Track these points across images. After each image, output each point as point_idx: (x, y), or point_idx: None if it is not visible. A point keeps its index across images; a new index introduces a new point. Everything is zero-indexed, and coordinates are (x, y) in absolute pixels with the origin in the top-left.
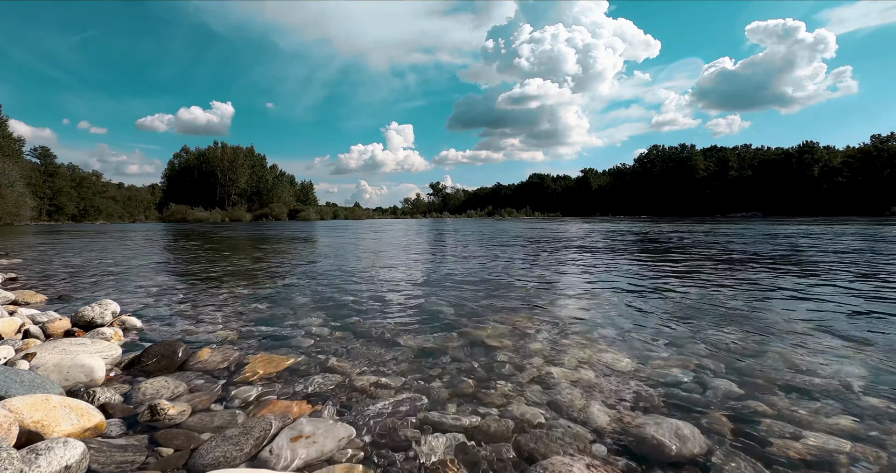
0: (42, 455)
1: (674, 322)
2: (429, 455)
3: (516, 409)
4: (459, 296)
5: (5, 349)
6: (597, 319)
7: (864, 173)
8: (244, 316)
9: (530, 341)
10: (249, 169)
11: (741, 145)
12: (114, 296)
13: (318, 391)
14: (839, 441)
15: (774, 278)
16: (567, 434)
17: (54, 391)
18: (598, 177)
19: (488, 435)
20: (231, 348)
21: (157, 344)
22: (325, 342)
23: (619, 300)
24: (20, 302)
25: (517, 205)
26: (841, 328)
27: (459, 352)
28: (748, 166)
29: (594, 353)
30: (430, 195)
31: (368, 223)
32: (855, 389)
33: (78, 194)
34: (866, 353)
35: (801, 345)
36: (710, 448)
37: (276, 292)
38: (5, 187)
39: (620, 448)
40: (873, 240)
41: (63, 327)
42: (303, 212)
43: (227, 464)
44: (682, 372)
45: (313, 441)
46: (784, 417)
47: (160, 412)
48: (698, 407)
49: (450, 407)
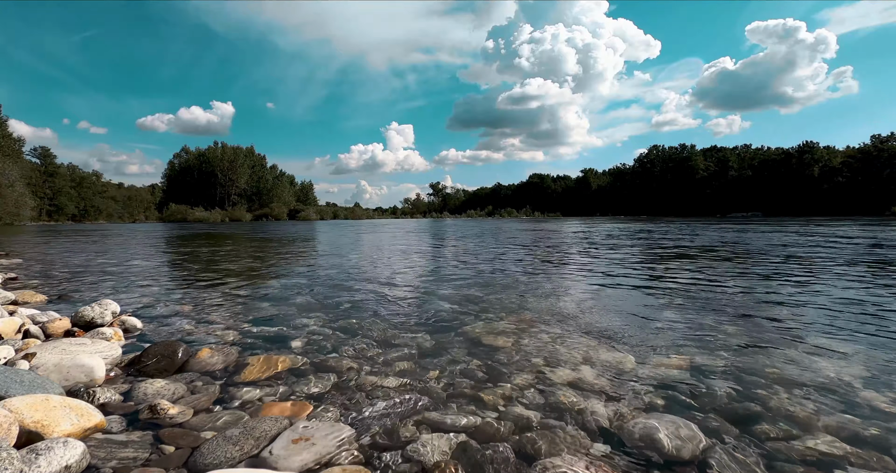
0: (42, 455)
1: (674, 322)
2: (429, 455)
3: (516, 409)
4: (459, 296)
5: (5, 349)
6: (596, 318)
7: (864, 173)
8: (244, 316)
9: (530, 341)
10: (249, 169)
11: (741, 145)
12: (114, 296)
13: (318, 392)
14: (839, 440)
15: (774, 278)
16: (567, 433)
17: (54, 391)
18: (598, 177)
19: (488, 435)
20: (231, 348)
21: (157, 344)
22: (324, 343)
23: (618, 299)
24: (20, 302)
25: (517, 205)
26: (841, 328)
27: (459, 352)
28: (748, 166)
29: (594, 353)
30: (430, 195)
31: (368, 223)
32: (855, 388)
33: (78, 194)
34: (867, 352)
35: (801, 344)
36: (709, 447)
37: (276, 292)
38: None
39: (620, 448)
40: (874, 240)
41: (63, 327)
42: (303, 212)
43: (228, 464)
44: (681, 372)
45: (313, 443)
46: (784, 416)
47: (160, 412)
48: (698, 407)
49: (450, 407)
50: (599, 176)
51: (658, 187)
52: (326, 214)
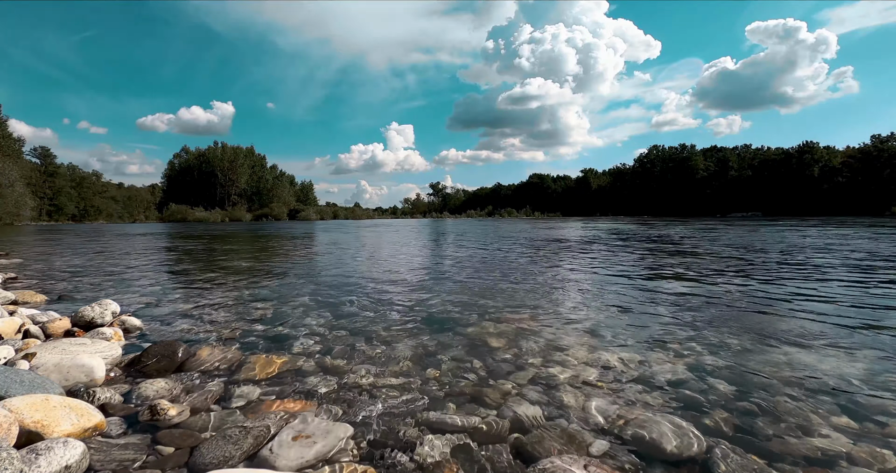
0: (42, 455)
1: (673, 322)
2: (428, 454)
3: (516, 409)
4: (459, 296)
5: (5, 349)
6: (596, 319)
7: (863, 173)
8: (244, 316)
9: (530, 340)
10: (249, 169)
11: (741, 145)
12: (114, 296)
13: (318, 391)
14: (840, 440)
15: (774, 278)
16: (566, 433)
17: (54, 391)
18: (598, 177)
19: (487, 435)
20: (231, 347)
21: (156, 344)
22: (324, 342)
23: (618, 299)
24: (20, 302)
25: (517, 205)
26: (841, 327)
27: (459, 352)
28: (748, 166)
29: (593, 352)
30: (430, 195)
31: (368, 223)
32: (856, 388)
33: (78, 194)
34: (867, 352)
35: (801, 344)
36: (709, 447)
37: (276, 291)
38: (5, 186)
39: (619, 448)
40: (875, 240)
41: (63, 327)
42: (303, 212)
43: (227, 463)
44: (681, 371)
45: (313, 441)
46: (784, 416)
47: (160, 412)
48: (698, 406)
49: (449, 407)
50: (599, 176)
51: (658, 187)
52: (326, 214)
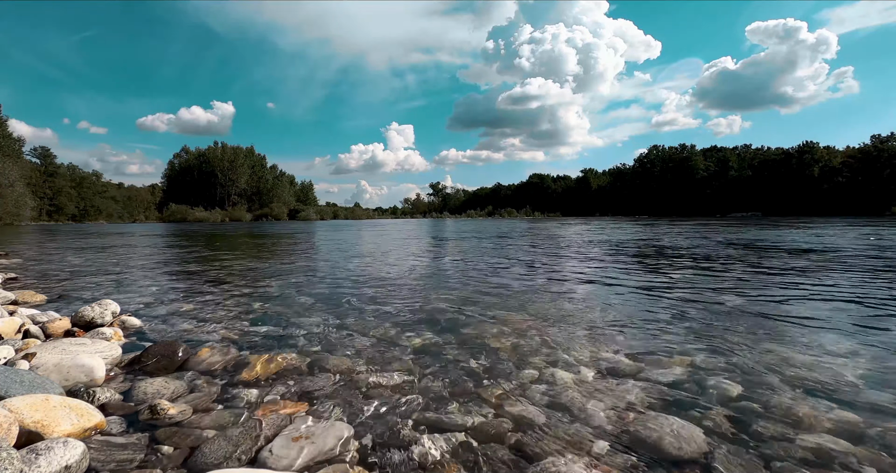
0: (42, 455)
1: (673, 322)
2: (428, 454)
3: (516, 409)
4: (459, 296)
5: (5, 349)
6: (596, 319)
7: (864, 173)
8: (244, 316)
9: (530, 340)
10: (249, 169)
11: (741, 145)
12: (114, 296)
13: (318, 391)
14: (840, 440)
15: (774, 278)
16: (566, 433)
17: (54, 391)
18: (598, 177)
19: (488, 435)
20: (231, 347)
21: (157, 344)
22: (325, 342)
23: (618, 299)
24: (20, 302)
25: (517, 205)
26: (841, 327)
27: (459, 351)
28: (748, 166)
29: (594, 353)
30: (430, 195)
31: (369, 223)
32: (856, 388)
33: (78, 194)
34: (867, 352)
35: (802, 344)
36: (709, 447)
37: (276, 291)
38: (5, 186)
39: (620, 448)
40: (875, 240)
41: (63, 327)
42: (303, 212)
43: (227, 464)
44: (681, 372)
45: (313, 441)
46: (784, 416)
47: (160, 412)
48: (698, 407)
49: (449, 407)
50: (599, 176)
51: (658, 187)
52: (326, 214)
